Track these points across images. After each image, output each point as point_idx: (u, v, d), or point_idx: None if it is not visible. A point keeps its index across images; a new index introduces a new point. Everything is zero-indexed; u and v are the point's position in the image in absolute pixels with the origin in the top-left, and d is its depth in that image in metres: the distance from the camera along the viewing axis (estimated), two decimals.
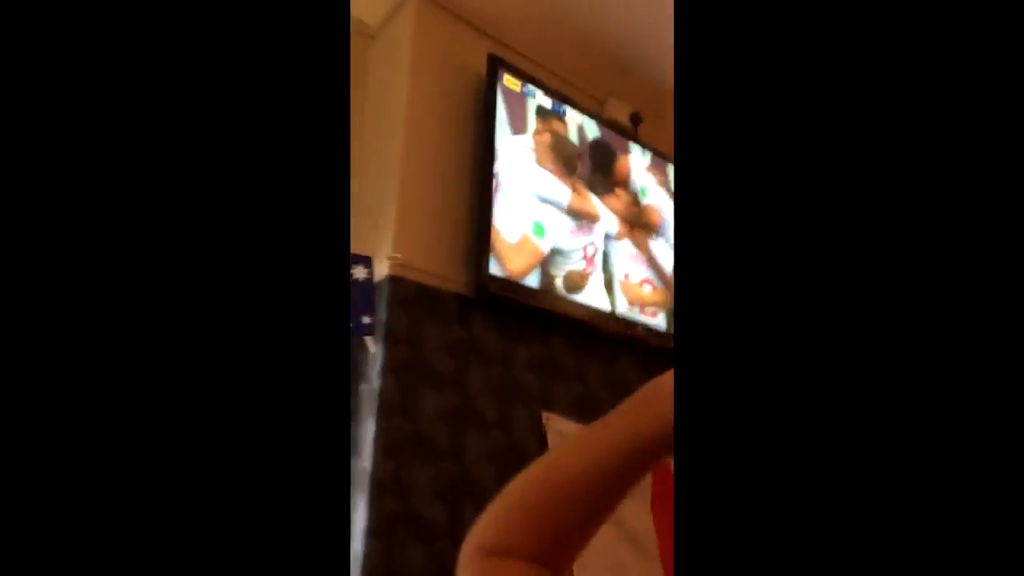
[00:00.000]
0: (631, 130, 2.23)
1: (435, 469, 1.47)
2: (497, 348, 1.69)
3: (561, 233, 1.85)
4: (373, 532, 1.34)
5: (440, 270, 1.65)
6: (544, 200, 1.84)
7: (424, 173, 1.73)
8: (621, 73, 2.25)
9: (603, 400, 1.87)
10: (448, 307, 1.63)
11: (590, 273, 1.89)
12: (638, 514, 1.75)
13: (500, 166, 1.75)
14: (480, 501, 1.49)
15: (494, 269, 1.64)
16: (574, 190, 1.92)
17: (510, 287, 1.68)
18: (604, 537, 1.63)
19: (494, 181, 1.72)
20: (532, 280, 1.73)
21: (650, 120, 2.32)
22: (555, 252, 1.82)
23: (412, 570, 1.35)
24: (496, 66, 1.85)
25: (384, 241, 1.63)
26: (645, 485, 1.81)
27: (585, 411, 1.80)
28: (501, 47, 2.01)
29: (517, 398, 1.68)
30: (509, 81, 1.87)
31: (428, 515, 1.41)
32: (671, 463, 1.53)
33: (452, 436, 1.52)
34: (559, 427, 1.71)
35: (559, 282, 1.80)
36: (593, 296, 1.87)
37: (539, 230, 1.81)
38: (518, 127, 1.84)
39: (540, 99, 1.94)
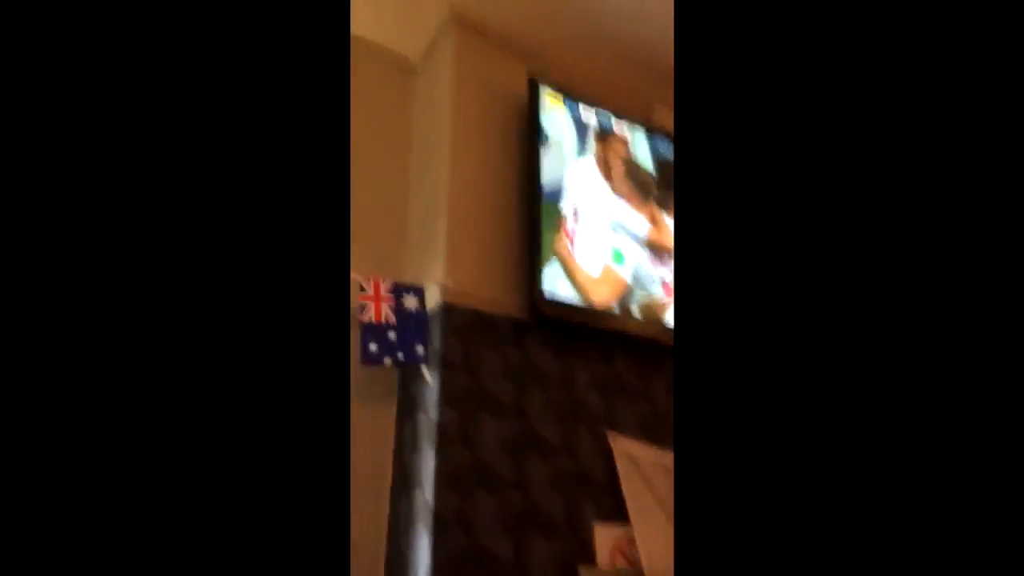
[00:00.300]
0: None
1: (499, 500, 1.43)
2: (556, 370, 1.64)
3: (640, 262, 1.81)
4: (438, 568, 1.31)
5: (493, 294, 1.63)
6: (622, 229, 1.81)
7: (472, 199, 1.72)
8: (664, 81, 2.19)
9: (670, 417, 1.78)
10: (503, 331, 1.61)
11: (667, 304, 1.83)
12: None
13: (571, 195, 1.73)
14: (548, 531, 1.44)
15: (569, 298, 1.62)
16: (652, 220, 1.88)
17: (565, 308, 1.64)
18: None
19: (561, 208, 1.70)
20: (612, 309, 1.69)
21: None
22: (636, 281, 1.78)
23: None
24: (536, 85, 1.84)
25: (435, 270, 1.63)
26: None
27: (652, 430, 1.72)
28: (542, 68, 2.01)
29: (580, 420, 1.62)
30: (551, 98, 1.85)
31: (494, 549, 1.37)
32: None
33: (515, 464, 1.48)
34: (626, 448, 1.64)
35: (635, 311, 1.75)
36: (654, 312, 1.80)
37: (618, 258, 1.77)
38: (573, 147, 1.82)
39: (585, 114, 1.91)
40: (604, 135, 1.92)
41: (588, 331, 1.69)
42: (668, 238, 1.94)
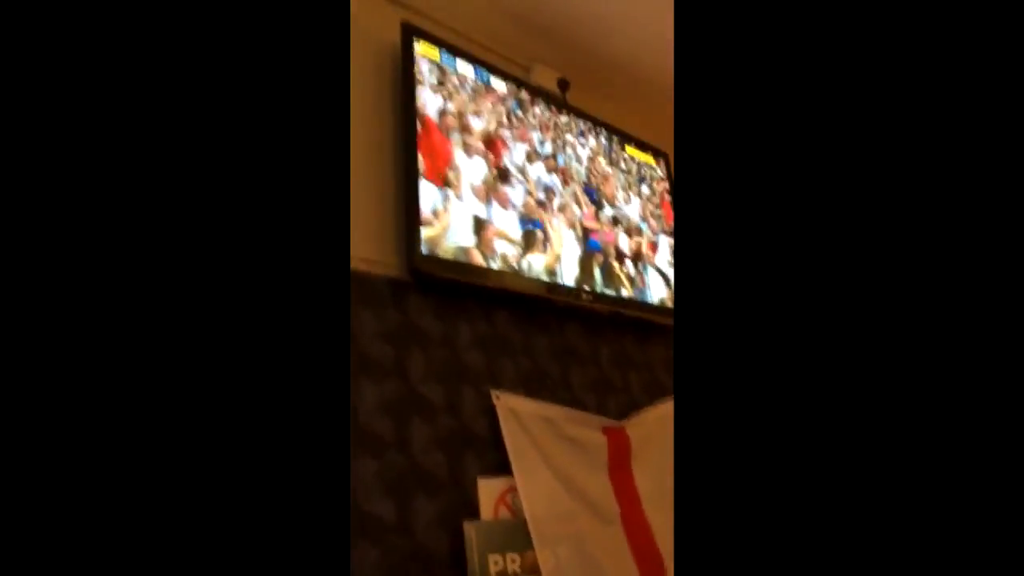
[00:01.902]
0: (560, 96, 2.17)
1: (380, 462, 1.40)
2: (437, 330, 1.62)
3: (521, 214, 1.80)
4: None
5: (369, 254, 1.57)
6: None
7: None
8: (546, 39, 2.17)
9: (551, 372, 1.84)
10: (381, 292, 1.55)
11: (544, 256, 1.84)
12: (595, 482, 1.73)
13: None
14: (431, 489, 1.43)
15: (448, 256, 1.58)
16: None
17: (445, 266, 1.61)
18: (564, 508, 1.60)
19: (419, 156, 1.64)
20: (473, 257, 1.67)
21: (578, 86, 2.26)
22: (518, 236, 1.76)
23: (364, 570, 1.29)
24: (411, 35, 1.75)
25: None
26: (601, 453, 1.79)
27: (533, 384, 1.77)
28: (416, 16, 1.91)
29: (463, 379, 1.63)
30: (425, 49, 1.77)
31: (376, 511, 1.35)
32: (624, 426, 1.50)
33: (396, 426, 1.46)
34: (508, 403, 1.67)
35: (514, 266, 1.75)
36: (536, 268, 1.82)
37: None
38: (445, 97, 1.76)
39: (461, 67, 1.85)
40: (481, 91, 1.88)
41: (469, 289, 1.68)
42: (541, 193, 1.96)
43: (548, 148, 2.04)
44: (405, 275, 1.60)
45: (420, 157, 1.64)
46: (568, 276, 1.89)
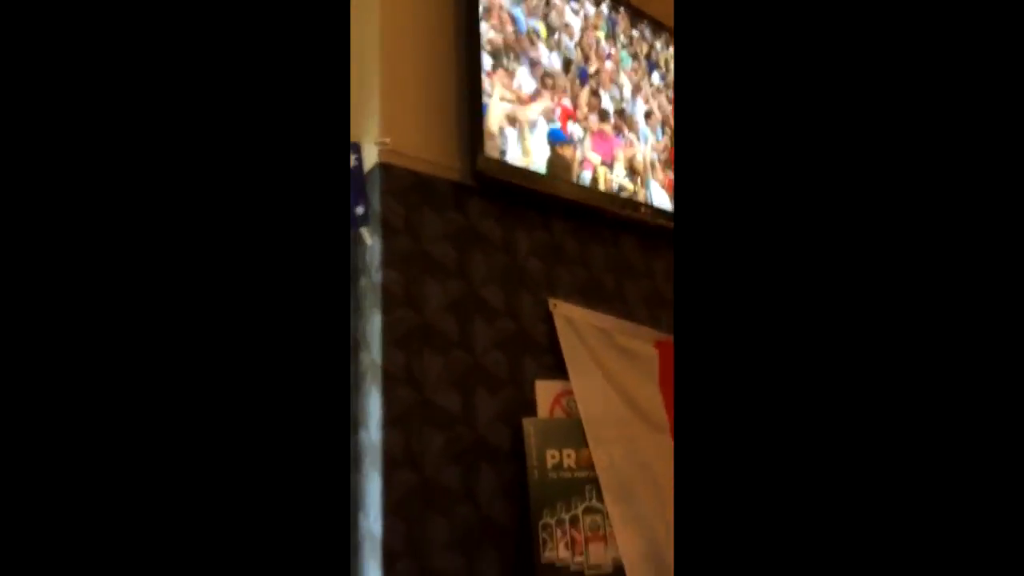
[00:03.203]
0: None
1: (445, 358, 1.45)
2: (498, 236, 1.63)
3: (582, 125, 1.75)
4: (390, 421, 1.33)
5: (433, 156, 1.56)
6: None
7: (408, 53, 1.59)
8: None
9: (606, 284, 1.85)
10: (444, 194, 1.55)
11: (606, 170, 1.81)
12: (646, 392, 1.77)
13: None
14: (492, 386, 1.49)
15: (512, 161, 1.56)
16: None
17: (508, 171, 1.60)
18: (616, 412, 1.65)
19: (483, 55, 1.60)
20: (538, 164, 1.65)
21: None
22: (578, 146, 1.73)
23: (431, 455, 1.36)
24: None
25: (371, 129, 1.52)
26: (653, 365, 1.82)
27: (589, 294, 1.78)
28: None
29: (521, 285, 1.64)
30: None
31: (442, 403, 1.41)
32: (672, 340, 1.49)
33: (459, 325, 1.49)
34: (565, 311, 1.69)
35: (576, 177, 1.73)
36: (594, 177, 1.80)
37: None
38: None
39: None
40: None
41: (530, 197, 1.67)
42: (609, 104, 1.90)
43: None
44: (468, 179, 1.59)
45: (484, 59, 1.60)
46: (626, 187, 1.86)
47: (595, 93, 1.88)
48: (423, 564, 1.28)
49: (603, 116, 1.88)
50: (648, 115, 2.05)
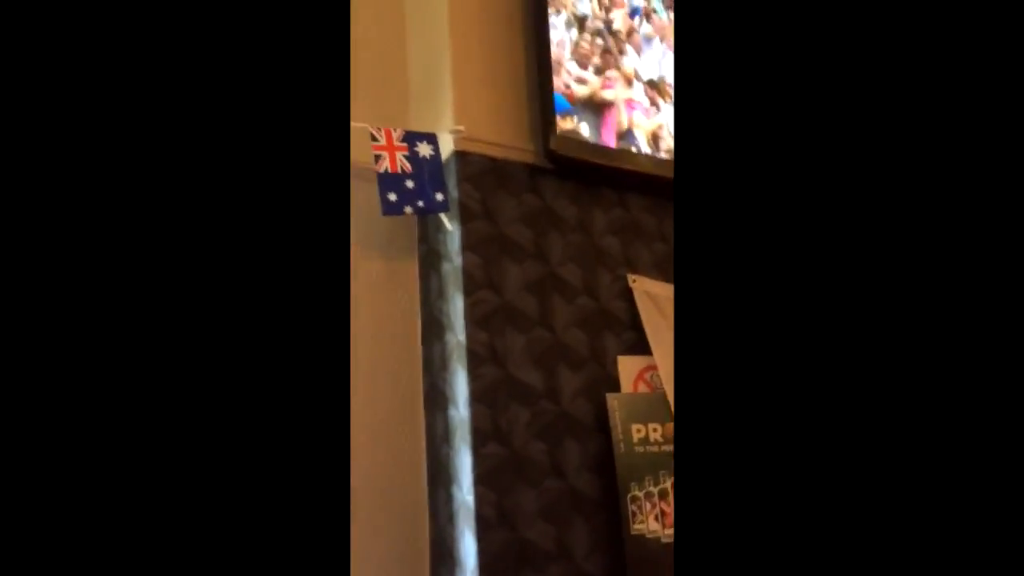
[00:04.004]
0: None
1: (527, 337, 1.49)
2: (573, 215, 1.64)
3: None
4: (476, 398, 1.39)
5: (506, 140, 1.59)
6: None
7: (476, 40, 1.63)
8: None
9: None
10: (519, 177, 1.59)
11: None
12: None
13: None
14: (574, 364, 1.51)
15: (584, 138, 1.58)
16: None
17: (580, 148, 1.60)
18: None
19: (551, 38, 1.61)
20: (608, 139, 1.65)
21: None
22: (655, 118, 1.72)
23: (518, 429, 1.40)
24: None
25: (444, 118, 1.58)
26: None
27: (668, 268, 1.76)
28: None
29: (599, 263, 1.65)
30: None
31: (526, 379, 1.45)
32: None
33: (539, 304, 1.53)
34: (644, 286, 1.68)
35: (652, 151, 1.71)
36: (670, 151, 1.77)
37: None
38: None
39: None
40: None
41: (604, 173, 1.67)
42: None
43: None
44: (542, 161, 1.61)
45: (553, 41, 1.61)
46: None
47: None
48: (515, 533, 1.34)
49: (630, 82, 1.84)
50: None
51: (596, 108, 1.66)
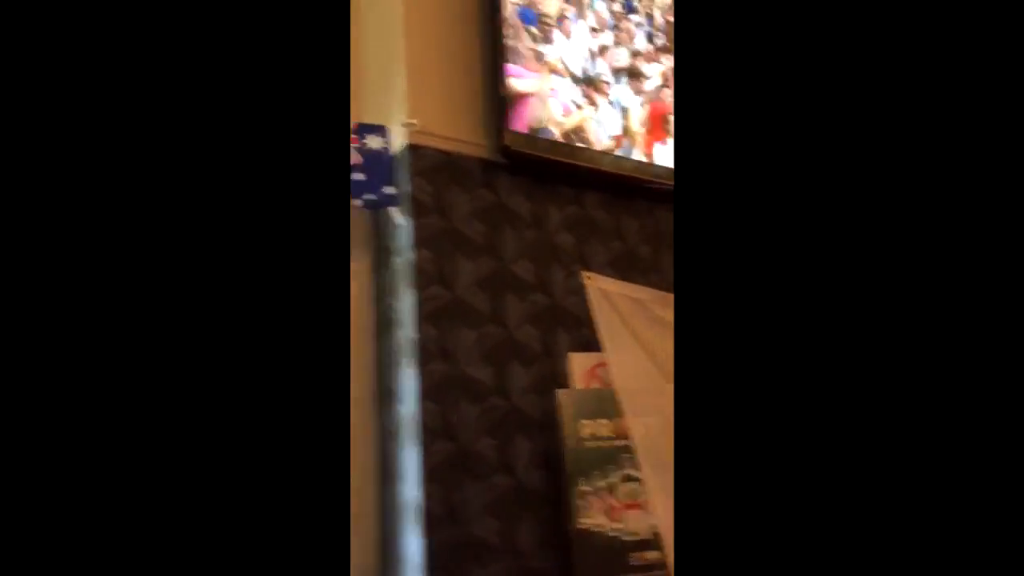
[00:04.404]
0: None
1: (479, 333, 1.48)
2: (527, 211, 1.64)
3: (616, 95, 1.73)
4: (425, 395, 1.38)
5: (460, 134, 1.58)
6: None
7: (433, 33, 1.61)
8: None
9: (642, 255, 1.83)
10: (472, 172, 1.58)
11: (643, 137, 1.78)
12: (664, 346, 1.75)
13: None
14: (526, 360, 1.50)
15: (539, 135, 1.55)
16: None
17: (534, 144, 1.60)
18: (653, 382, 1.62)
19: (505, 32, 1.59)
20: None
21: None
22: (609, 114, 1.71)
23: (466, 426, 1.40)
24: None
25: (397, 111, 1.56)
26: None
27: (624, 266, 1.77)
28: None
29: (553, 259, 1.65)
30: None
31: (476, 376, 1.45)
32: None
33: (492, 300, 1.52)
34: (598, 283, 1.69)
35: (607, 147, 1.70)
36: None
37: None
38: None
39: None
40: None
41: (559, 170, 1.67)
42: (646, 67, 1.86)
43: None
44: (496, 156, 1.60)
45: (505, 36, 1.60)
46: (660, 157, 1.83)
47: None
48: (462, 529, 1.34)
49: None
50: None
51: (510, 100, 1.60)
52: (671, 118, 1.90)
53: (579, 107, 1.71)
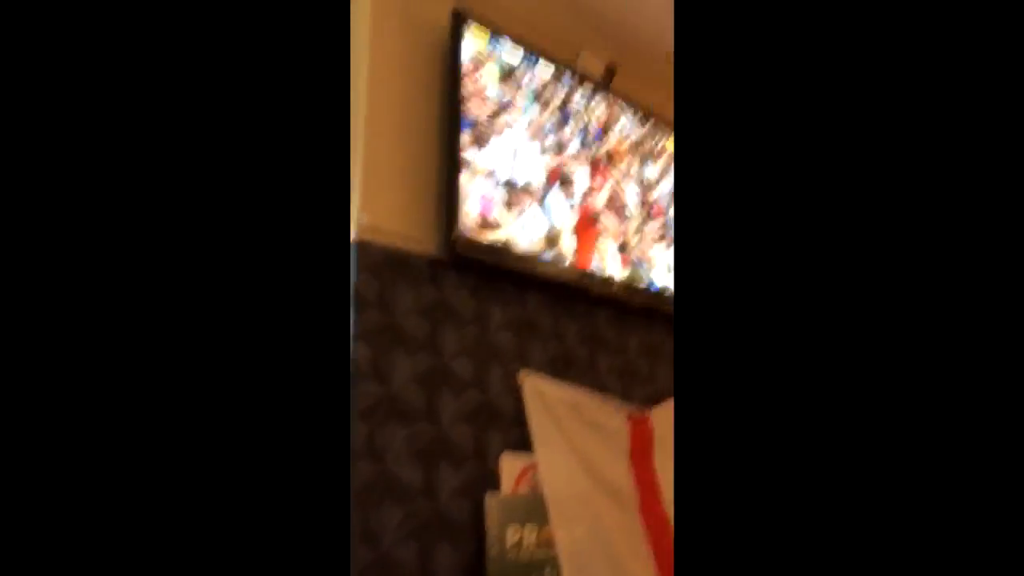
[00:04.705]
0: (604, 83, 2.18)
1: (411, 431, 1.47)
2: (470, 309, 1.68)
3: (555, 203, 1.82)
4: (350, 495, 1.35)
5: (409, 231, 1.63)
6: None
7: (389, 133, 1.68)
8: (593, 25, 2.18)
9: (579, 357, 1.88)
10: (419, 269, 1.61)
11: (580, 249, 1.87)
12: (615, 469, 1.77)
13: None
14: (457, 460, 1.49)
15: (486, 239, 1.62)
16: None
17: (481, 248, 1.66)
18: (582, 489, 1.64)
19: (462, 137, 1.69)
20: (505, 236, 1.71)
21: (624, 72, 2.27)
22: (553, 224, 1.79)
23: (390, 530, 1.37)
24: (460, 18, 1.79)
25: (350, 205, 1.60)
26: (623, 441, 1.83)
27: (561, 369, 1.81)
28: (468, 2, 1.94)
29: (492, 357, 1.68)
30: (476, 32, 1.81)
31: (404, 476, 1.43)
32: (648, 416, 1.54)
33: (427, 397, 1.53)
34: (535, 384, 1.72)
35: (551, 255, 1.78)
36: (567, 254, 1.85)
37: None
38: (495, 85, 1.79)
39: (511, 53, 1.88)
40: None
41: (504, 272, 1.72)
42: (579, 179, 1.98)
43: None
44: (443, 254, 1.65)
45: (463, 141, 1.68)
46: (606, 267, 1.92)
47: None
48: None
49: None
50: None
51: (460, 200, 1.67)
52: (601, 220, 2.01)
53: (514, 210, 1.79)
